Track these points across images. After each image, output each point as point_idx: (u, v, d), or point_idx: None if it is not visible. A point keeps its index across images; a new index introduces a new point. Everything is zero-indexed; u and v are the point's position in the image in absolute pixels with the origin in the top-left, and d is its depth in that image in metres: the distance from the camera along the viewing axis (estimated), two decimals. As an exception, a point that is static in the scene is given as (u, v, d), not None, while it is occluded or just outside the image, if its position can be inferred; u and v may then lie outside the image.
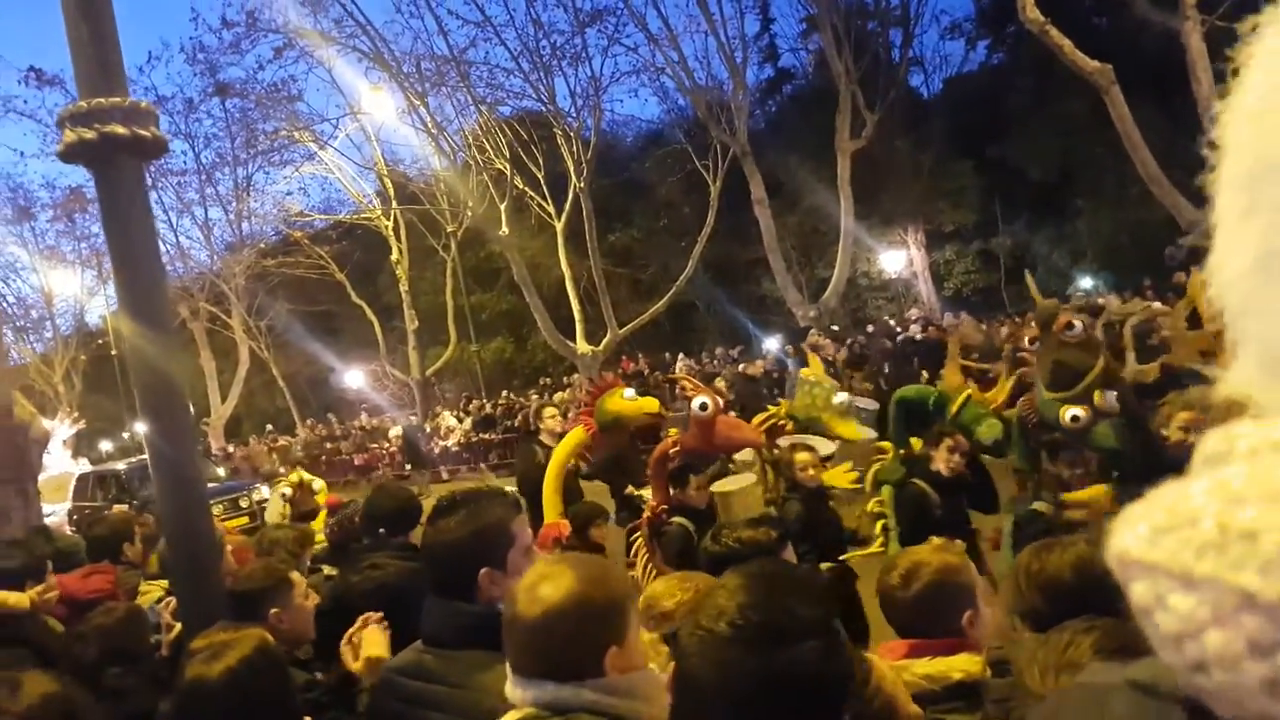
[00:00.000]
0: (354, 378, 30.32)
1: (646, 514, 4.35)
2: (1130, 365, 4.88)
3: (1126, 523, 0.41)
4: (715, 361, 19.94)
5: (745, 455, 4.93)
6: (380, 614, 2.56)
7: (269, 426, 30.49)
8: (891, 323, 21.59)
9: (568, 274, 22.14)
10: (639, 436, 5.11)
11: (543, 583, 1.48)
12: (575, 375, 22.76)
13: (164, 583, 3.79)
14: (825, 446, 4.69)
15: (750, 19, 24.80)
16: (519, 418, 22.17)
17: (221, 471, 19.17)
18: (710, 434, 4.22)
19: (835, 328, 19.63)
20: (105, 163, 2.73)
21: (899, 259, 25.15)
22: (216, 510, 9.58)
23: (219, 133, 24.92)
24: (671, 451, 4.32)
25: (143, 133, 2.74)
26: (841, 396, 4.54)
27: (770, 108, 30.41)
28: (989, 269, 26.72)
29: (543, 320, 22.09)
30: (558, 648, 1.45)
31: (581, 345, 21.92)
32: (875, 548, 4.58)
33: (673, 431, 4.54)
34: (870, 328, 20.09)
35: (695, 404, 4.24)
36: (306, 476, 6.21)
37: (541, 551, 4.15)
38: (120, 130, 2.66)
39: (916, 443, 4.71)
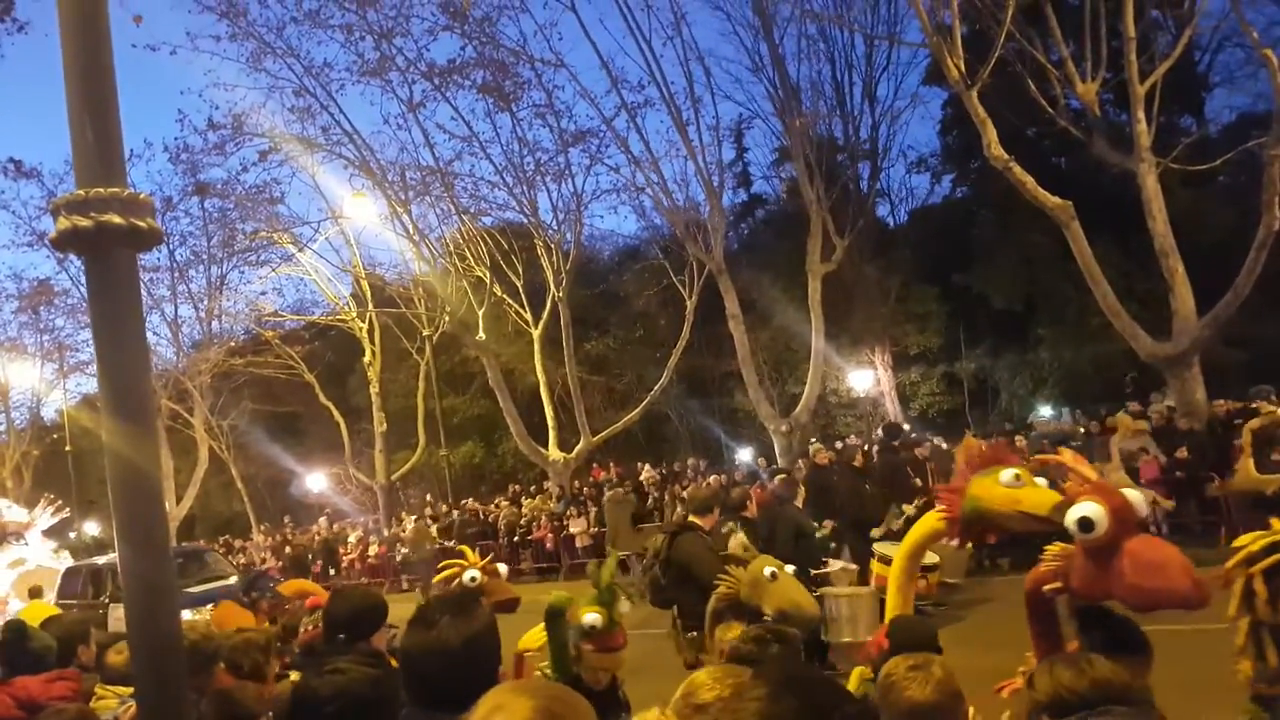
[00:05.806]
0: (316, 481, 29.66)
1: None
2: (1247, 471, 4.13)
3: None
4: (688, 471, 19.85)
5: None
6: None
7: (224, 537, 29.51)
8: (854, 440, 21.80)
9: (543, 380, 22.24)
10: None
11: (495, 714, 1.43)
12: (546, 482, 22.54)
13: (119, 689, 3.66)
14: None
15: (726, 146, 25.89)
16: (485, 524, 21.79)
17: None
18: (1107, 570, 2.48)
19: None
20: (99, 251, 2.77)
21: (867, 378, 25.57)
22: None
23: (195, 231, 25.07)
24: (1047, 589, 2.75)
25: (139, 223, 2.75)
26: None
27: (743, 230, 31.46)
28: (954, 392, 27.31)
29: (515, 426, 22.05)
30: None
31: (553, 452, 21.83)
32: None
33: (1054, 547, 2.80)
34: (839, 444, 20.19)
35: (1073, 516, 2.54)
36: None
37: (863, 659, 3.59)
38: (117, 220, 2.65)
39: None
